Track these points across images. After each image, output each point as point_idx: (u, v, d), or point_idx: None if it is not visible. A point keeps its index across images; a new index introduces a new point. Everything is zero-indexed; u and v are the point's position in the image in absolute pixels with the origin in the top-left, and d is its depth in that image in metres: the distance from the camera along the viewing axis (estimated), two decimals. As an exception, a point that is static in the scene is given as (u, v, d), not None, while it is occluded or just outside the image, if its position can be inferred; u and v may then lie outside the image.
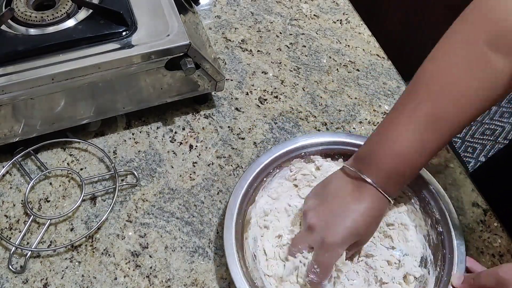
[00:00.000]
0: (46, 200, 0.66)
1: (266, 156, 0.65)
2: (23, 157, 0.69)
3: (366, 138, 0.60)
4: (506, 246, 0.64)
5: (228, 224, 0.59)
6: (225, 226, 0.59)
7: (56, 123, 0.68)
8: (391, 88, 0.81)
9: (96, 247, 0.63)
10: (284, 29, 0.88)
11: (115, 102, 0.69)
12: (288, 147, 0.66)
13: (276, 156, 0.66)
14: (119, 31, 0.65)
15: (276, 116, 0.76)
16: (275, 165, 0.66)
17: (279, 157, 0.66)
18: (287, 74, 0.82)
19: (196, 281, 0.61)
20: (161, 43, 0.65)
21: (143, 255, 0.62)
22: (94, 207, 0.66)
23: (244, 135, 0.74)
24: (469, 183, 0.69)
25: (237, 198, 0.61)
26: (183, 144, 0.73)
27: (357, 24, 0.90)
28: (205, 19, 0.88)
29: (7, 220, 0.64)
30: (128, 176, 0.69)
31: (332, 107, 0.78)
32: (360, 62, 0.84)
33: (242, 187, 0.62)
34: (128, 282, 0.60)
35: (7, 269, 0.60)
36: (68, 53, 0.63)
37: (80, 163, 0.70)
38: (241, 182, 0.63)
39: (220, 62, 0.82)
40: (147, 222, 0.65)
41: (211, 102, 0.77)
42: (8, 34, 0.65)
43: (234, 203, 0.61)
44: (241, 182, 0.63)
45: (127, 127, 0.74)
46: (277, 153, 0.66)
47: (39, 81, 0.61)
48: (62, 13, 0.67)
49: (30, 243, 0.62)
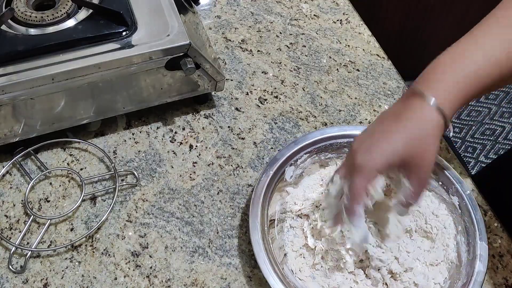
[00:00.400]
0: (46, 200, 0.66)
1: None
2: (23, 157, 0.69)
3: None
4: (506, 246, 0.64)
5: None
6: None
7: (56, 123, 0.68)
8: (391, 88, 0.81)
9: (96, 247, 0.63)
10: (284, 29, 0.88)
11: (115, 102, 0.69)
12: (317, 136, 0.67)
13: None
14: (119, 31, 0.65)
15: (276, 116, 0.76)
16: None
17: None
18: (287, 74, 0.82)
19: (196, 281, 0.61)
20: (161, 43, 0.65)
21: (143, 255, 0.62)
22: (94, 207, 0.66)
23: (244, 135, 0.74)
24: (469, 183, 0.69)
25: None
26: (183, 144, 0.73)
27: (357, 24, 0.90)
28: (205, 19, 0.88)
29: (7, 220, 0.64)
30: (128, 176, 0.69)
31: (332, 107, 0.78)
32: (360, 62, 0.84)
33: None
34: (128, 282, 0.60)
35: (7, 269, 0.60)
36: (68, 53, 0.63)
37: (80, 163, 0.70)
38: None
39: (220, 62, 0.82)
40: (147, 222, 0.65)
41: (211, 102, 0.77)
42: (8, 34, 0.65)
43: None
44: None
45: (127, 127, 0.74)
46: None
47: (39, 81, 0.61)
48: (62, 13, 0.67)
49: (30, 243, 0.62)
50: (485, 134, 1.92)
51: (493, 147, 1.88)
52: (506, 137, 1.91)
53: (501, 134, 1.92)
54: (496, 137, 1.91)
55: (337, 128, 0.68)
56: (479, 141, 1.90)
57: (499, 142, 1.90)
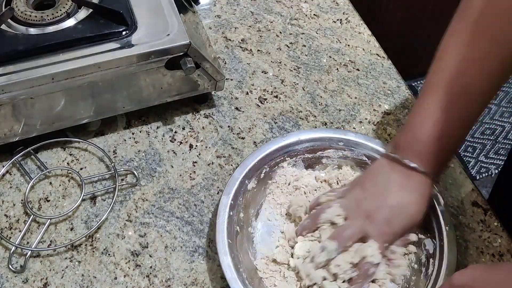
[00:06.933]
0: (46, 199, 0.66)
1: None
2: (23, 157, 0.69)
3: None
4: (506, 246, 0.64)
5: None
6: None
7: (56, 123, 0.68)
8: (391, 87, 0.81)
9: (96, 247, 0.63)
10: (284, 28, 0.88)
11: (115, 101, 0.69)
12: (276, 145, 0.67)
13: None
14: (119, 31, 0.65)
15: (276, 116, 0.76)
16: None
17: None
18: (287, 73, 0.82)
19: (196, 281, 0.61)
20: (161, 43, 0.65)
21: (143, 254, 0.62)
22: (94, 207, 0.66)
23: (244, 135, 0.74)
24: (469, 183, 0.69)
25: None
26: (183, 144, 0.73)
27: (357, 24, 0.90)
28: (205, 18, 0.88)
29: (7, 219, 0.64)
30: (128, 176, 0.69)
31: (332, 107, 0.78)
32: (360, 62, 0.84)
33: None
34: (128, 282, 0.60)
35: (7, 268, 0.60)
36: (68, 52, 0.63)
37: (80, 163, 0.70)
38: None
39: (220, 62, 0.82)
40: (147, 221, 0.65)
41: (211, 102, 0.77)
42: (8, 33, 0.65)
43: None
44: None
45: (127, 126, 0.74)
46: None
47: (39, 81, 0.61)
48: (62, 12, 0.67)
49: (30, 243, 0.62)
50: (485, 133, 1.92)
51: (493, 147, 1.88)
52: (506, 137, 1.91)
53: (501, 133, 1.92)
54: (496, 136, 1.91)
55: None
56: (479, 141, 1.90)
57: (499, 142, 1.90)
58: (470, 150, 1.88)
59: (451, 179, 0.70)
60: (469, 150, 1.88)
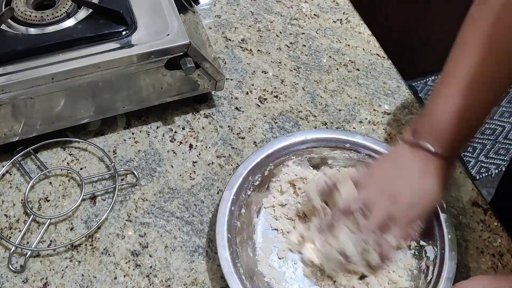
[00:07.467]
0: (46, 199, 0.66)
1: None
2: (23, 157, 0.69)
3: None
4: (506, 246, 0.64)
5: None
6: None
7: (56, 123, 0.68)
8: (391, 87, 0.81)
9: (96, 247, 0.63)
10: (284, 28, 0.88)
11: (115, 101, 0.69)
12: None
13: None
14: (119, 31, 0.65)
15: (276, 116, 0.76)
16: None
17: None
18: (287, 73, 0.82)
19: (196, 281, 0.61)
20: (161, 43, 0.65)
21: (143, 254, 0.62)
22: (94, 207, 0.66)
23: (244, 135, 0.74)
24: (469, 183, 0.69)
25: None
26: (183, 144, 0.73)
27: (357, 24, 0.89)
28: (205, 18, 0.88)
29: (7, 219, 0.64)
30: (128, 176, 0.69)
31: (332, 107, 0.78)
32: (360, 62, 0.84)
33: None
34: (128, 282, 0.60)
35: (7, 268, 0.60)
36: (68, 52, 0.63)
37: (80, 163, 0.70)
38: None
39: (220, 62, 0.82)
40: (147, 221, 0.65)
41: (211, 102, 0.77)
42: (8, 33, 0.65)
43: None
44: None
45: (127, 126, 0.74)
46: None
47: (39, 81, 0.61)
48: (62, 12, 0.67)
49: (30, 243, 0.62)
50: (485, 133, 1.92)
51: (493, 147, 1.88)
52: (506, 137, 1.91)
53: (501, 133, 1.92)
54: (496, 136, 1.91)
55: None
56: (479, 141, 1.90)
57: (499, 142, 1.90)
58: (470, 150, 1.88)
59: (451, 179, 0.70)
60: (469, 150, 1.88)
